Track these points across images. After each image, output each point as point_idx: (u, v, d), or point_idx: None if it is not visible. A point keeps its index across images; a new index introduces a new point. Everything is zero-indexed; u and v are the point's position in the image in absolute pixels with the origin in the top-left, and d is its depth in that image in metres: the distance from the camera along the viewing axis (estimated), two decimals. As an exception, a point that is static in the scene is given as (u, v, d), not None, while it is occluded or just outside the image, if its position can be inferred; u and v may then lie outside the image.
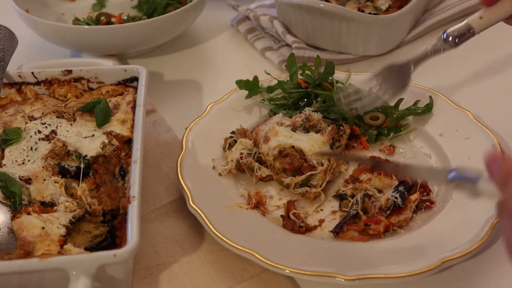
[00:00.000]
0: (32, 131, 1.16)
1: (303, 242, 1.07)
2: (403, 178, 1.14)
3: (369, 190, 1.13)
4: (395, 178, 1.16)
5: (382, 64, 1.20)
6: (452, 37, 1.12)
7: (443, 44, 1.14)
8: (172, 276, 1.07)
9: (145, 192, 1.22)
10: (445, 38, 1.13)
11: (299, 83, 1.37)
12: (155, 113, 1.44)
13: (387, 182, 1.17)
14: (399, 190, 1.13)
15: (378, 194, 1.13)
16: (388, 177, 1.16)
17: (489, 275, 1.05)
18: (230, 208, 1.13)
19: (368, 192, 1.13)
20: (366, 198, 1.12)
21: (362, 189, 1.14)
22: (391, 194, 1.12)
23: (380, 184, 1.17)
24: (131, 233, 0.93)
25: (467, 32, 1.12)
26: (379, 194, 1.13)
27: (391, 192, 1.13)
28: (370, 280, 0.98)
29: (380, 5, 1.64)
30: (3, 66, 1.24)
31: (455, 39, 1.12)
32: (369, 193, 1.13)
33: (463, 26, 1.13)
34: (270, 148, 1.20)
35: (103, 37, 1.54)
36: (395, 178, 1.15)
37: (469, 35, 1.13)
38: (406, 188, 1.14)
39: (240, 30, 1.76)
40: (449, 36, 1.13)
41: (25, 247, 0.94)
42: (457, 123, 1.29)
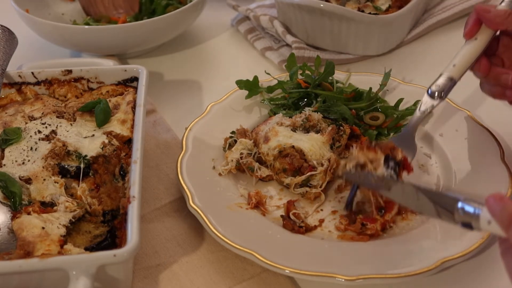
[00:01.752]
0: (32, 131, 1.16)
1: (303, 242, 1.07)
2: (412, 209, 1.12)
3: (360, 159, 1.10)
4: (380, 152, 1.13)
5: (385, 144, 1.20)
6: (437, 92, 1.16)
7: (432, 100, 1.17)
8: (172, 276, 1.07)
9: (145, 192, 1.22)
10: (431, 95, 1.17)
11: (299, 83, 1.37)
12: (155, 113, 1.44)
13: (371, 156, 1.12)
14: (391, 166, 1.11)
15: (371, 165, 1.11)
16: (371, 150, 1.12)
17: (489, 275, 1.05)
18: (230, 208, 1.13)
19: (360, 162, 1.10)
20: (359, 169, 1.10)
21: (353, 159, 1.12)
22: (385, 171, 1.10)
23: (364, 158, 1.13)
24: (131, 233, 0.93)
25: (449, 83, 1.16)
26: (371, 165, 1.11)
27: (384, 169, 1.10)
28: (370, 280, 0.98)
29: (380, 5, 1.64)
30: (3, 66, 1.24)
31: (440, 94, 1.16)
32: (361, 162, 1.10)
33: (444, 79, 1.16)
34: (270, 148, 1.20)
35: (103, 37, 1.54)
36: (379, 152, 1.12)
37: (451, 84, 1.16)
38: (395, 163, 1.12)
39: (240, 30, 1.76)
40: (434, 92, 1.16)
41: (25, 247, 0.94)
42: (457, 123, 1.29)
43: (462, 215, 0.83)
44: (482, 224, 0.80)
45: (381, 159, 1.11)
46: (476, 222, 0.81)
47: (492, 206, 0.79)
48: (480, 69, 1.15)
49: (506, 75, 1.12)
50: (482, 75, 1.16)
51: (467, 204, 0.82)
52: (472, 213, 0.81)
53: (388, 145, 1.14)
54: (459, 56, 1.16)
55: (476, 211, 0.81)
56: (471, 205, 0.82)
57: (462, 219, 0.83)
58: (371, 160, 1.12)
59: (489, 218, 0.79)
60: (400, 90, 1.39)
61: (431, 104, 1.17)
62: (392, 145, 1.14)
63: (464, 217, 0.82)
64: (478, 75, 1.17)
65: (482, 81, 1.19)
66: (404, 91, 1.38)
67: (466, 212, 0.82)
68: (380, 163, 1.10)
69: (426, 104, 1.18)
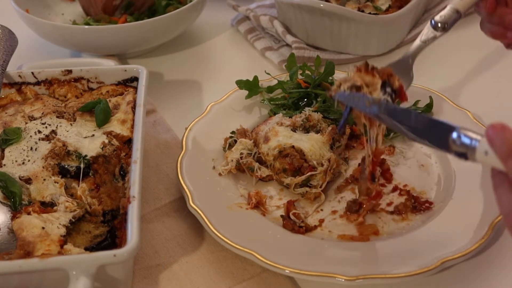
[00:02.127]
0: (32, 131, 1.16)
1: (303, 242, 1.07)
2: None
3: (357, 80, 1.06)
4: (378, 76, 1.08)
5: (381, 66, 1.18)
6: (441, 23, 1.13)
7: (434, 32, 1.14)
8: (172, 276, 1.07)
9: (145, 192, 1.22)
10: (434, 26, 1.14)
11: (299, 83, 1.37)
12: (155, 113, 1.44)
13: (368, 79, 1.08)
14: (387, 92, 1.07)
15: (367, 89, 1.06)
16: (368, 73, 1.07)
17: (489, 275, 1.05)
18: (230, 208, 1.13)
19: (356, 84, 1.06)
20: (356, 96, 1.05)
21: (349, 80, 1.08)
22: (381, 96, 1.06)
23: (361, 81, 1.08)
24: (131, 233, 0.93)
25: (454, 15, 1.13)
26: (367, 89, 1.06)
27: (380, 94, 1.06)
28: (370, 280, 0.98)
29: (380, 5, 1.64)
30: (3, 66, 1.24)
31: (444, 25, 1.13)
32: (357, 84, 1.06)
33: (449, 11, 1.14)
34: (270, 148, 1.20)
35: (103, 37, 1.54)
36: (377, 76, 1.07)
37: (456, 17, 1.13)
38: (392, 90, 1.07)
39: (240, 30, 1.76)
40: (437, 23, 1.13)
41: (25, 247, 0.94)
42: (457, 123, 1.27)
43: (458, 145, 0.79)
44: (478, 155, 0.76)
45: (378, 83, 1.06)
46: (472, 152, 0.77)
47: (491, 136, 0.75)
48: (487, 6, 1.12)
49: (511, 15, 1.10)
50: (487, 12, 1.12)
51: (464, 133, 0.79)
52: (468, 144, 0.78)
53: (386, 71, 1.09)
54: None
55: (473, 142, 0.77)
56: (468, 135, 0.78)
57: (457, 148, 0.79)
58: (367, 83, 1.07)
59: (487, 149, 0.75)
60: (400, 90, 1.39)
61: (433, 35, 1.14)
62: (390, 71, 1.09)
63: (460, 147, 0.79)
64: (482, 13, 1.14)
65: (483, 20, 1.16)
66: (404, 91, 1.38)
67: (462, 142, 0.79)
68: (376, 88, 1.06)
69: (428, 34, 1.14)
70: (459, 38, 1.20)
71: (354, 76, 1.07)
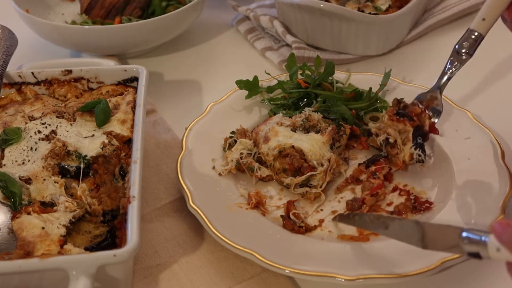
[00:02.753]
0: (32, 131, 1.16)
1: (303, 242, 1.07)
2: None
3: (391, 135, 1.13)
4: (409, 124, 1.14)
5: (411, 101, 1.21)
6: (465, 49, 1.15)
7: (460, 58, 1.16)
8: (172, 276, 1.07)
9: (145, 192, 1.22)
10: (459, 52, 1.15)
11: (299, 83, 1.37)
12: (155, 113, 1.44)
13: (401, 127, 1.15)
14: (419, 143, 1.13)
15: (400, 144, 1.14)
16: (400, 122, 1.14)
17: (489, 275, 1.05)
18: (230, 208, 1.13)
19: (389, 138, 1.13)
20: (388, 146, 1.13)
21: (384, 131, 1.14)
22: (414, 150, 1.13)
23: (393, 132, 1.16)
24: (131, 233, 0.93)
25: (477, 39, 1.14)
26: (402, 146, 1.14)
27: (411, 146, 1.13)
28: (370, 280, 0.98)
29: (380, 5, 1.64)
30: (3, 66, 1.24)
31: (468, 50, 1.15)
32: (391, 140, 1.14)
33: (471, 35, 1.14)
34: (270, 148, 1.20)
35: (103, 37, 1.54)
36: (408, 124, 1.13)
37: (479, 40, 1.14)
38: (423, 137, 1.14)
39: (240, 30, 1.76)
40: (461, 49, 1.15)
41: (25, 247, 0.94)
42: (457, 123, 1.29)
43: (468, 244, 0.80)
44: (491, 252, 0.78)
45: (410, 132, 1.12)
46: (484, 250, 0.79)
47: (499, 233, 0.77)
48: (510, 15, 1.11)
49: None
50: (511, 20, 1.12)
51: (472, 233, 0.80)
52: (478, 240, 0.79)
53: (416, 111, 1.13)
54: (488, 8, 1.12)
55: (483, 238, 0.79)
56: (476, 234, 0.80)
57: (469, 248, 0.80)
58: (400, 131, 1.12)
59: (498, 246, 0.77)
60: (400, 90, 1.39)
61: (459, 61, 1.15)
62: (419, 110, 1.13)
63: (471, 246, 0.80)
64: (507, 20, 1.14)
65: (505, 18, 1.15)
66: (404, 91, 1.38)
67: (472, 241, 0.80)
68: (409, 138, 1.12)
69: (453, 62, 1.16)
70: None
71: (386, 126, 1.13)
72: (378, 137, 1.18)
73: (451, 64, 1.16)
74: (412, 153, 1.13)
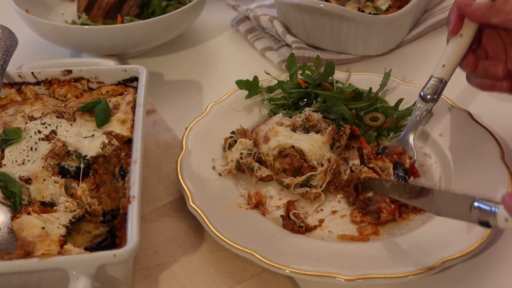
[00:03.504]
0: (32, 131, 1.16)
1: (303, 242, 1.07)
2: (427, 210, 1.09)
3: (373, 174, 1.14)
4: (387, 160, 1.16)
5: None
6: (430, 95, 1.18)
7: (426, 104, 1.20)
8: (172, 276, 1.07)
9: (145, 192, 1.22)
10: (424, 98, 1.19)
11: (299, 83, 1.37)
12: (155, 113, 1.44)
13: (380, 164, 1.16)
14: (400, 176, 1.13)
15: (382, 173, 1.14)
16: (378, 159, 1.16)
17: (489, 275, 1.05)
18: (230, 208, 1.13)
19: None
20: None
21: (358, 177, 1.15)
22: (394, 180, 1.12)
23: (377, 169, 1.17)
24: (131, 233, 0.93)
25: (440, 84, 1.18)
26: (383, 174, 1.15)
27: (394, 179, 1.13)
28: (370, 280, 0.98)
29: (380, 5, 1.64)
30: (3, 66, 1.24)
31: (433, 96, 1.18)
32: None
33: (435, 81, 1.18)
34: (270, 148, 1.20)
35: (103, 37, 1.54)
36: (387, 160, 1.16)
37: (443, 85, 1.18)
38: (404, 171, 1.15)
39: (240, 30, 1.77)
40: (426, 95, 1.19)
41: (25, 247, 0.94)
42: (457, 123, 1.29)
43: (479, 214, 0.85)
44: (500, 222, 0.82)
45: (390, 167, 1.15)
46: (493, 219, 0.83)
47: (509, 204, 0.80)
48: (468, 65, 1.14)
49: (495, 67, 1.12)
50: (470, 71, 1.15)
51: (483, 203, 0.85)
52: (489, 210, 0.84)
53: (396, 150, 1.17)
54: (447, 56, 1.16)
55: (493, 208, 0.83)
56: (487, 204, 0.84)
57: (479, 217, 0.85)
58: (381, 168, 1.16)
59: (507, 216, 0.81)
60: (400, 90, 1.39)
61: (425, 108, 1.20)
62: (399, 150, 1.17)
63: (481, 215, 0.85)
64: (466, 70, 1.17)
65: (468, 75, 1.18)
66: (404, 91, 1.38)
67: (483, 210, 0.85)
68: (390, 172, 1.14)
69: (421, 109, 1.20)
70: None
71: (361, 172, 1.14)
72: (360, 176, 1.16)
73: (418, 110, 1.20)
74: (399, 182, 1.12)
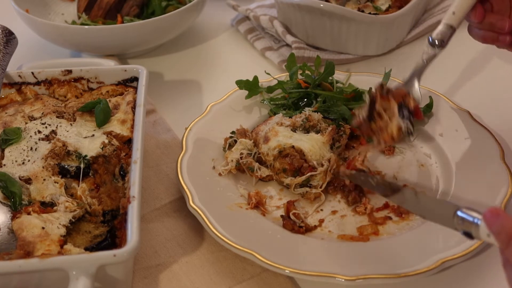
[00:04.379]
0: (32, 131, 1.16)
1: (303, 242, 1.07)
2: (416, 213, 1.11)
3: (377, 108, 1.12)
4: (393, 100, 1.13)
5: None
6: (438, 40, 1.16)
7: (433, 49, 1.18)
8: (172, 276, 1.07)
9: (145, 192, 1.22)
10: (432, 43, 1.17)
11: (299, 83, 1.37)
12: (155, 113, 1.44)
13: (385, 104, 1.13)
14: (405, 115, 1.11)
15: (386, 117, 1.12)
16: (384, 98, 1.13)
17: (489, 275, 1.05)
18: (230, 208, 1.13)
19: (374, 109, 1.11)
20: (373, 120, 1.12)
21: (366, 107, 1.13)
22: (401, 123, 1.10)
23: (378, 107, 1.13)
24: (131, 233, 0.93)
25: (449, 31, 1.16)
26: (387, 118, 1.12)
27: (399, 118, 1.11)
28: (370, 280, 0.98)
29: (380, 5, 1.64)
30: (3, 66, 1.24)
31: (441, 41, 1.16)
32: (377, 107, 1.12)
33: (444, 27, 1.16)
34: (270, 148, 1.20)
35: (103, 37, 1.54)
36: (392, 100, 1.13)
37: (452, 32, 1.16)
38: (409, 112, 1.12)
39: (240, 30, 1.76)
40: (435, 40, 1.16)
41: (25, 247, 0.94)
42: (457, 123, 1.29)
43: (462, 224, 0.84)
44: (482, 235, 0.81)
45: (395, 107, 1.11)
46: (476, 231, 0.82)
47: (489, 221, 0.80)
48: (476, 15, 1.14)
49: (502, 21, 1.12)
50: (477, 21, 1.15)
51: (466, 213, 0.84)
52: (471, 221, 0.83)
53: (401, 92, 1.14)
54: (457, 3, 1.15)
55: (476, 220, 0.82)
56: (470, 215, 0.83)
57: (462, 227, 0.84)
58: (385, 108, 1.12)
59: (488, 232, 0.80)
60: (400, 90, 1.39)
61: (433, 52, 1.17)
62: (404, 92, 1.14)
63: (464, 225, 0.84)
64: (473, 21, 1.17)
65: (471, 26, 1.18)
66: (404, 91, 1.38)
67: (466, 221, 0.84)
68: (394, 112, 1.11)
69: (429, 53, 1.17)
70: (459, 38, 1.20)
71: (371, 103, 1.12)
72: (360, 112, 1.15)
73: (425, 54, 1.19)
74: (400, 125, 1.10)
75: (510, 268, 0.80)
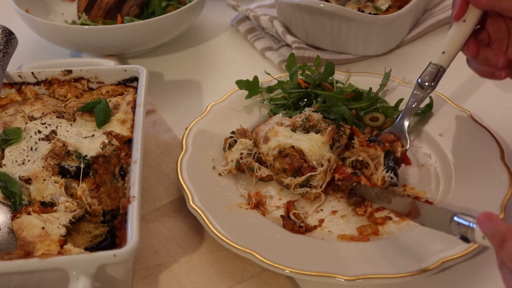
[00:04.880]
0: (32, 131, 1.16)
1: (303, 242, 1.07)
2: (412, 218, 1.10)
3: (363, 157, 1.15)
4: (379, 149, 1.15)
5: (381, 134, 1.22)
6: (427, 82, 1.17)
7: (423, 91, 1.19)
8: (172, 276, 1.07)
9: (145, 192, 1.22)
10: (421, 85, 1.18)
11: (299, 83, 1.37)
12: (155, 113, 1.44)
13: (372, 152, 1.16)
14: (390, 166, 1.13)
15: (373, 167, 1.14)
16: (371, 147, 1.15)
17: (489, 276, 1.05)
18: (230, 208, 1.13)
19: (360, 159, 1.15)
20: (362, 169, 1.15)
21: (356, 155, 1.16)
22: (385, 174, 1.12)
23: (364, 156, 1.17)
24: (131, 233, 0.93)
25: (438, 72, 1.17)
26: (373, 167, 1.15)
27: (383, 170, 1.13)
28: (370, 280, 0.98)
29: (380, 5, 1.64)
30: (3, 66, 1.24)
31: (431, 83, 1.17)
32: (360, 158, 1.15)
33: (433, 68, 1.17)
34: (270, 148, 1.20)
35: (103, 37, 1.54)
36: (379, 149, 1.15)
37: (441, 73, 1.17)
38: (395, 161, 1.14)
39: (240, 30, 1.77)
40: (424, 82, 1.18)
41: (25, 247, 0.94)
42: (457, 123, 1.29)
43: (458, 228, 0.87)
44: (477, 239, 0.84)
45: (381, 156, 1.14)
46: (471, 235, 0.85)
47: (483, 225, 0.82)
48: (469, 51, 1.14)
49: (496, 57, 1.11)
50: (471, 57, 1.15)
51: (462, 218, 0.87)
52: (467, 225, 0.86)
53: (388, 138, 1.16)
54: (448, 42, 1.15)
55: (471, 224, 0.85)
56: (466, 219, 0.86)
57: (459, 232, 0.88)
58: (371, 157, 1.15)
59: (483, 235, 0.83)
60: (400, 90, 1.39)
61: (422, 95, 1.19)
62: (392, 138, 1.16)
63: (460, 230, 0.87)
64: (467, 56, 1.16)
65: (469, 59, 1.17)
66: (404, 91, 1.38)
67: (462, 225, 0.87)
68: (380, 162, 1.14)
69: (417, 96, 1.19)
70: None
71: (358, 151, 1.16)
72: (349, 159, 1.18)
73: (414, 97, 1.19)
74: (384, 176, 1.12)
75: (505, 269, 0.82)
